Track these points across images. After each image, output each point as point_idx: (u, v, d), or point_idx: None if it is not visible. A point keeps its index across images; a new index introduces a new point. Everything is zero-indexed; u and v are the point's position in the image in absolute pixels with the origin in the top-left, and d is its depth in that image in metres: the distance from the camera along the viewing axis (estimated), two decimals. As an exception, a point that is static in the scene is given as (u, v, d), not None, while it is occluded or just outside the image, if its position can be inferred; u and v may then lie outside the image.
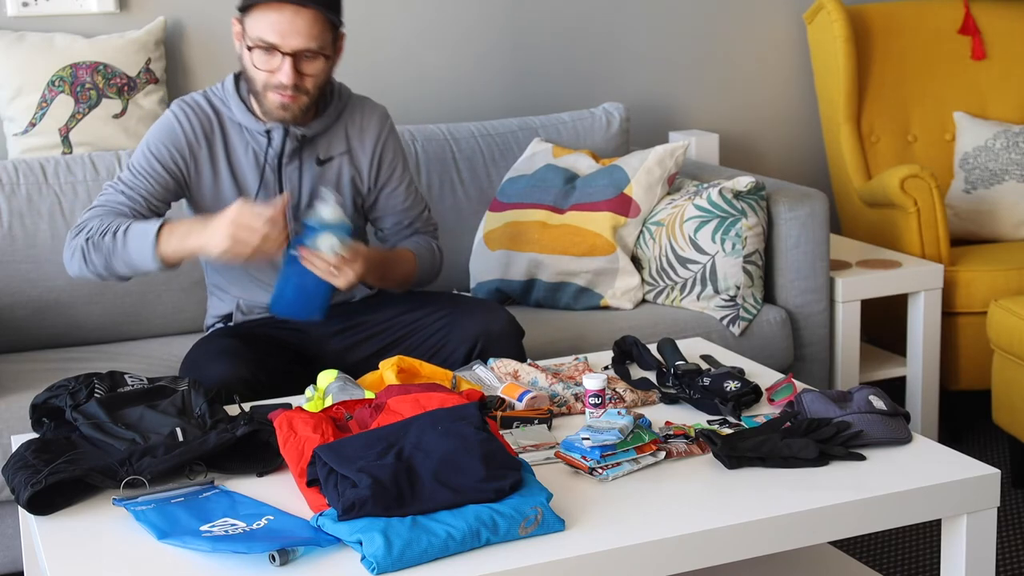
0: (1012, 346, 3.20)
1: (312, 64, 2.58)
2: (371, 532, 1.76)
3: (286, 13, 2.52)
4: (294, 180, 2.70)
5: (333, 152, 2.73)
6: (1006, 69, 4.17)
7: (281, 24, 2.52)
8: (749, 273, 3.26)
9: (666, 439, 2.17)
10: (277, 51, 2.54)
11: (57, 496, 1.98)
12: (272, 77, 2.57)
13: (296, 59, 2.55)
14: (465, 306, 2.77)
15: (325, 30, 2.57)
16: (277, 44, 2.54)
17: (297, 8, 2.52)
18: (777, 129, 4.31)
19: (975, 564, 2.06)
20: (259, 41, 2.55)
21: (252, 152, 2.68)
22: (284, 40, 2.53)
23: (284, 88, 2.56)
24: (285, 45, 2.54)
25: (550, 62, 3.96)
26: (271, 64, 2.56)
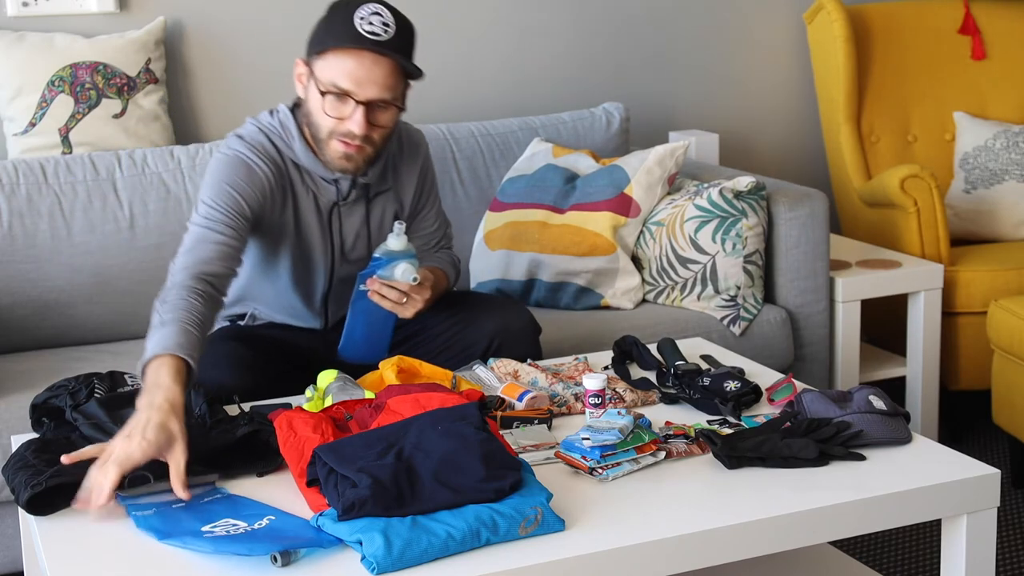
0: (1012, 346, 3.20)
1: (384, 115, 2.48)
2: (371, 532, 1.76)
3: (365, 61, 2.41)
4: (351, 222, 2.65)
5: (380, 188, 2.67)
6: (1006, 69, 4.17)
7: (359, 72, 2.41)
8: (749, 273, 3.26)
9: (666, 439, 2.17)
10: (350, 99, 2.43)
11: (57, 496, 1.98)
12: (341, 125, 2.45)
13: (368, 108, 2.44)
14: (483, 303, 2.77)
15: (400, 80, 2.47)
16: (352, 91, 2.42)
17: (376, 56, 2.41)
18: (777, 129, 4.31)
19: (975, 564, 2.06)
20: (331, 87, 2.42)
21: (313, 196, 2.59)
22: (360, 88, 2.41)
23: (352, 137, 2.45)
24: (360, 93, 2.42)
25: (550, 62, 3.96)
26: (342, 112, 2.44)
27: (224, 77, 3.57)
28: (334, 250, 2.65)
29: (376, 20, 2.42)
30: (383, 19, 2.43)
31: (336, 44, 2.41)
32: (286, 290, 2.69)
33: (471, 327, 2.65)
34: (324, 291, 2.70)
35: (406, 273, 2.48)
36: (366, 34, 2.40)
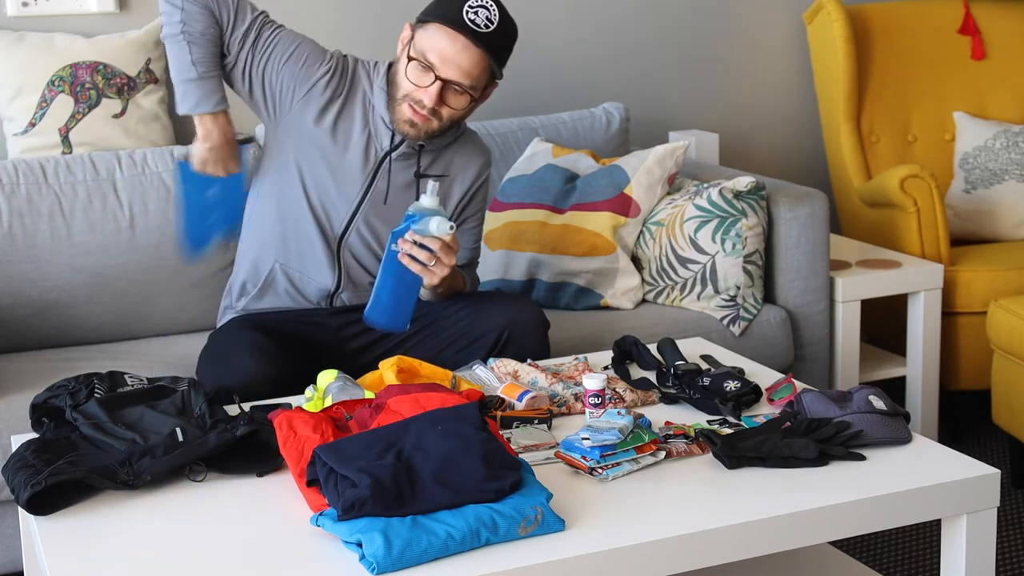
0: (1012, 346, 3.20)
1: (458, 98, 2.64)
2: (371, 532, 1.76)
3: (458, 44, 2.58)
4: (390, 175, 2.73)
5: (433, 171, 2.76)
6: (1006, 69, 4.17)
7: (448, 52, 2.58)
8: (749, 273, 3.26)
9: (666, 439, 2.17)
10: (432, 72, 2.59)
11: (57, 496, 1.98)
12: (416, 92, 2.61)
13: (445, 87, 2.60)
14: (493, 297, 2.83)
15: (483, 73, 2.63)
16: (435, 66, 2.59)
17: (468, 44, 2.58)
18: (777, 129, 4.31)
19: (975, 564, 2.06)
20: (421, 56, 2.59)
21: (368, 133, 2.71)
22: (444, 66, 2.58)
23: (422, 107, 2.61)
24: (442, 71, 2.59)
25: (550, 62, 3.96)
26: (420, 80, 2.61)
27: (224, 77, 3.57)
28: (366, 192, 2.73)
29: (483, 13, 2.59)
30: (489, 14, 2.60)
31: (440, 21, 2.59)
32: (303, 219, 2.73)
33: (481, 319, 2.67)
34: (342, 230, 2.74)
35: (441, 226, 2.51)
36: (469, 22, 2.57)
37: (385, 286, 2.56)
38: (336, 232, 2.74)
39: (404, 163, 2.73)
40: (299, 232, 2.75)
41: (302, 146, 2.71)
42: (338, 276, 2.77)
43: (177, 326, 3.21)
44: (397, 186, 2.73)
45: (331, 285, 2.77)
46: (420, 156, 2.73)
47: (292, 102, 2.69)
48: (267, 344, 2.63)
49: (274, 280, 2.78)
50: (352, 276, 2.77)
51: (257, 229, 2.81)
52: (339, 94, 2.71)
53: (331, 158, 2.71)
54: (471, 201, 2.85)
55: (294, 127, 2.70)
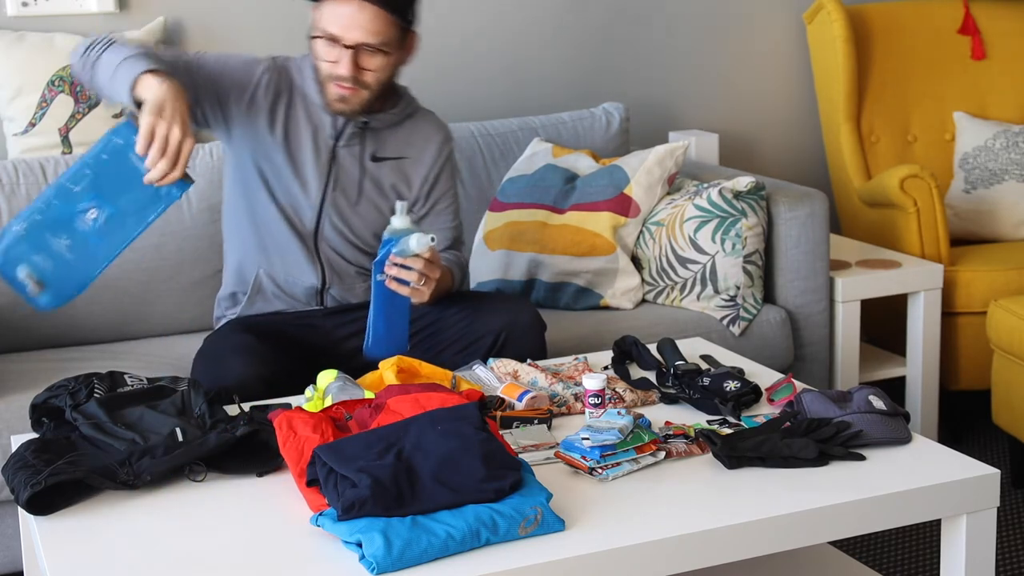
0: (1012, 346, 3.20)
1: (372, 59, 2.63)
2: (371, 532, 1.76)
3: (352, 6, 2.58)
4: (344, 166, 2.74)
5: (388, 153, 2.78)
6: (1006, 69, 4.17)
7: (344, 17, 2.59)
8: (749, 273, 3.26)
9: (666, 439, 2.17)
10: (338, 43, 2.60)
11: (57, 496, 1.98)
12: (333, 68, 2.63)
13: (357, 53, 2.61)
14: (489, 299, 2.82)
15: (389, 27, 2.62)
16: (339, 36, 2.60)
17: (361, 3, 2.58)
18: (777, 129, 4.31)
19: (975, 564, 2.06)
20: (323, 31, 2.61)
21: (312, 127, 2.72)
22: (346, 33, 2.59)
23: (343, 80, 2.62)
24: (346, 38, 2.60)
25: (550, 62, 3.96)
26: (332, 55, 2.62)
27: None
28: (327, 185, 2.73)
29: None
30: None
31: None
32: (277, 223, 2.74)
33: (478, 322, 2.68)
34: (314, 226, 2.75)
35: (420, 242, 2.50)
36: None
37: (379, 317, 2.55)
38: (309, 229, 2.76)
39: (355, 148, 2.74)
40: (275, 236, 2.77)
41: (260, 152, 2.73)
42: (321, 272, 2.78)
43: (177, 326, 3.21)
44: (355, 172, 2.75)
45: (317, 282, 2.78)
46: (365, 137, 2.74)
47: (239, 113, 2.70)
48: (258, 345, 2.63)
49: (261, 286, 2.79)
50: (336, 268, 2.79)
51: (235, 241, 2.84)
52: (280, 96, 2.72)
53: (289, 159, 2.72)
54: (437, 181, 2.84)
55: (248, 136, 2.72)
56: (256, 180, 2.74)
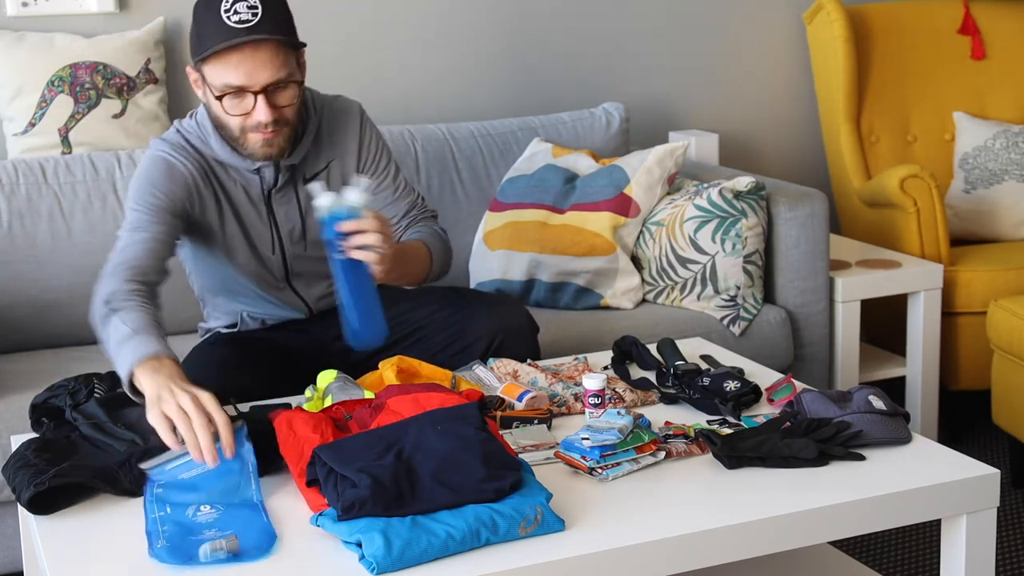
0: (1012, 346, 3.20)
1: (284, 94, 2.45)
2: (371, 532, 1.76)
3: (246, 51, 2.38)
4: (288, 208, 2.63)
5: (318, 167, 2.64)
6: (1006, 69, 4.17)
7: (243, 64, 2.38)
8: (749, 273, 3.26)
9: (666, 439, 2.17)
10: (247, 91, 2.41)
11: (59, 496, 1.98)
12: (248, 120, 2.44)
13: (267, 94, 2.42)
14: (481, 301, 2.75)
15: (288, 56, 2.43)
16: (245, 85, 2.40)
17: (255, 45, 2.38)
18: (777, 129, 4.31)
19: (975, 564, 2.06)
20: (226, 88, 2.41)
21: (242, 188, 2.59)
22: (251, 79, 2.39)
23: (264, 127, 2.44)
24: (254, 84, 2.40)
25: (550, 62, 3.96)
26: (244, 107, 2.43)
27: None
28: (280, 237, 2.63)
29: (241, 7, 2.37)
30: (248, 3, 2.38)
31: (214, 47, 2.38)
32: (249, 284, 2.68)
33: (472, 325, 2.64)
34: (284, 276, 2.68)
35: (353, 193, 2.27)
36: (237, 25, 2.36)
37: (348, 304, 2.37)
38: (279, 277, 2.68)
39: (285, 190, 2.60)
40: (250, 292, 2.70)
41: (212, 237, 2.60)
42: (304, 302, 2.74)
43: (175, 326, 3.19)
44: (294, 207, 2.63)
45: (303, 312, 2.75)
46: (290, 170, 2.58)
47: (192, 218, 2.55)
48: (232, 357, 2.59)
49: (247, 322, 2.75)
50: (317, 292, 2.73)
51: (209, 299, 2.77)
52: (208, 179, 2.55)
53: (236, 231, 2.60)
54: (365, 160, 2.68)
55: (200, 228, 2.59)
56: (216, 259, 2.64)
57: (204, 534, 1.85)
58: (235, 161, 2.55)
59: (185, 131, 2.58)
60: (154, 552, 1.81)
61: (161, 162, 2.53)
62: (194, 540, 1.83)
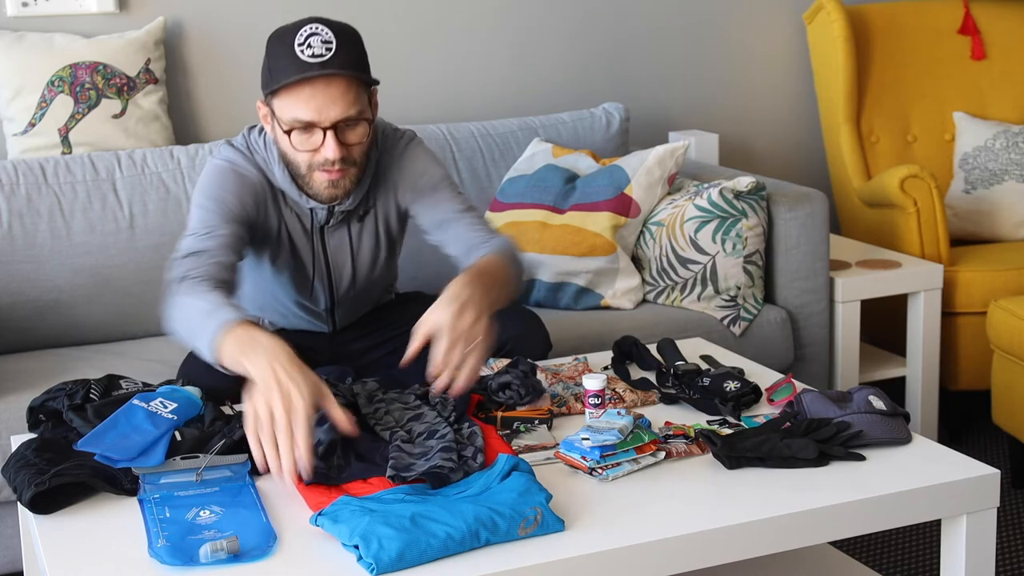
0: (1012, 346, 3.20)
1: (355, 132, 2.40)
2: (370, 533, 1.76)
3: (318, 86, 2.33)
4: (339, 243, 2.59)
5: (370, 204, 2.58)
6: (1006, 69, 4.18)
7: (314, 99, 2.33)
8: (749, 273, 3.26)
9: (666, 439, 2.17)
10: (316, 127, 2.36)
11: (59, 495, 1.98)
12: (316, 157, 2.39)
13: (337, 131, 2.37)
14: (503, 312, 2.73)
15: (360, 93, 2.38)
16: (315, 121, 2.35)
17: (328, 79, 2.33)
18: (777, 129, 4.31)
19: (975, 564, 2.06)
20: (295, 122, 2.36)
21: (296, 217, 2.54)
22: (321, 114, 2.34)
23: (331, 164, 2.39)
24: (323, 120, 2.35)
25: (550, 62, 3.96)
26: (313, 143, 2.38)
27: (224, 77, 3.57)
28: (331, 271, 2.60)
29: (315, 41, 2.34)
30: (322, 38, 2.35)
31: (286, 80, 2.34)
32: (287, 302, 2.67)
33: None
34: (327, 306, 2.68)
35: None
36: (310, 60, 2.33)
37: None
38: (321, 307, 2.66)
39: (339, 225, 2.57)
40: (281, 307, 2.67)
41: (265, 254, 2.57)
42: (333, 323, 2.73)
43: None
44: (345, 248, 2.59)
45: (327, 327, 2.74)
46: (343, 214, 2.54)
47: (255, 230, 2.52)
48: None
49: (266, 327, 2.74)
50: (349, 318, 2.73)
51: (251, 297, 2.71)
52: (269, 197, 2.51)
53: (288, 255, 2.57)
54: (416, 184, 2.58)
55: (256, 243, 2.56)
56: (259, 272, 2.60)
57: (204, 534, 1.85)
58: (293, 193, 2.50)
59: (253, 145, 2.53)
60: (154, 552, 1.81)
61: (231, 172, 2.49)
62: (194, 540, 1.83)
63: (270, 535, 1.86)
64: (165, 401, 2.17)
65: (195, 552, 1.79)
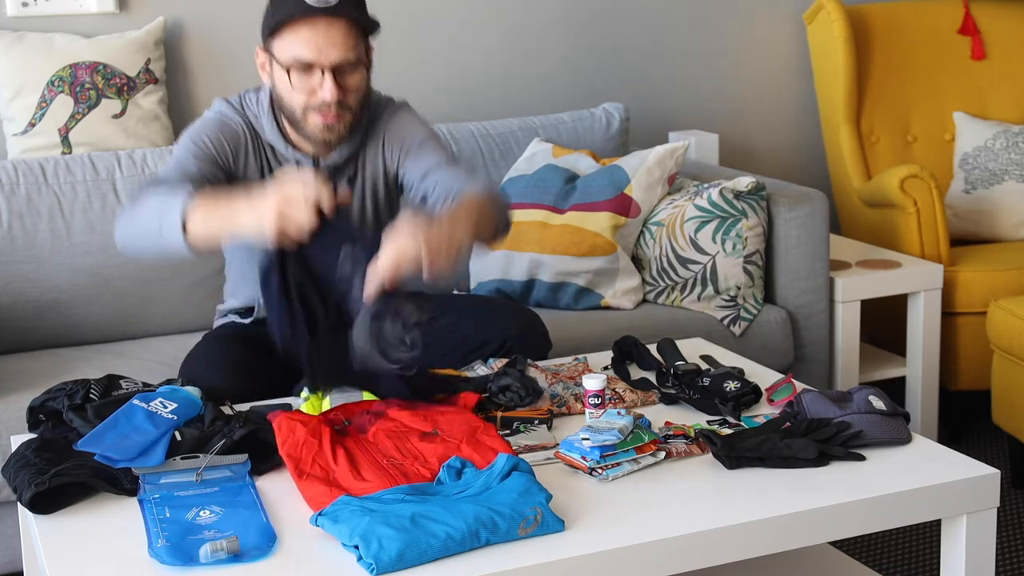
0: (1012, 346, 3.20)
1: (353, 77, 2.44)
2: (370, 533, 1.76)
3: (319, 26, 2.38)
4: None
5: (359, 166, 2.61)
6: (1006, 69, 4.17)
7: (316, 38, 2.38)
8: (749, 273, 3.26)
9: (666, 439, 2.17)
10: (316, 67, 2.40)
11: (60, 495, 1.98)
12: (313, 98, 2.43)
13: (336, 73, 2.41)
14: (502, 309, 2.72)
15: (360, 39, 2.44)
16: (315, 60, 2.39)
17: (330, 19, 2.38)
18: (777, 129, 4.31)
19: (975, 564, 2.06)
20: (295, 61, 2.40)
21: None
22: (322, 54, 2.39)
23: (327, 107, 2.43)
24: (324, 59, 2.39)
25: (550, 62, 3.96)
26: (311, 83, 2.42)
27: (224, 77, 3.57)
28: None
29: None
30: None
31: (288, 18, 2.39)
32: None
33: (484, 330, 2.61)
34: None
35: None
36: (313, 3, 2.38)
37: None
38: None
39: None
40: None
41: None
42: None
43: (177, 326, 3.21)
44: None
45: None
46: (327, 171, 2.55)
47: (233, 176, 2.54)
48: (241, 357, 2.56)
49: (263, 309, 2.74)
50: None
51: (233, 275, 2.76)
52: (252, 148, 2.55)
53: None
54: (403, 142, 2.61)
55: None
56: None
57: (204, 534, 1.85)
58: (280, 146, 2.55)
59: (245, 101, 2.59)
60: (154, 552, 1.81)
61: (217, 120, 2.54)
62: (194, 540, 1.83)
63: (270, 535, 1.86)
64: (165, 401, 2.17)
65: (195, 552, 1.79)
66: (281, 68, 2.43)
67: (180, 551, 1.80)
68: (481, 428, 2.13)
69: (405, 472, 2.00)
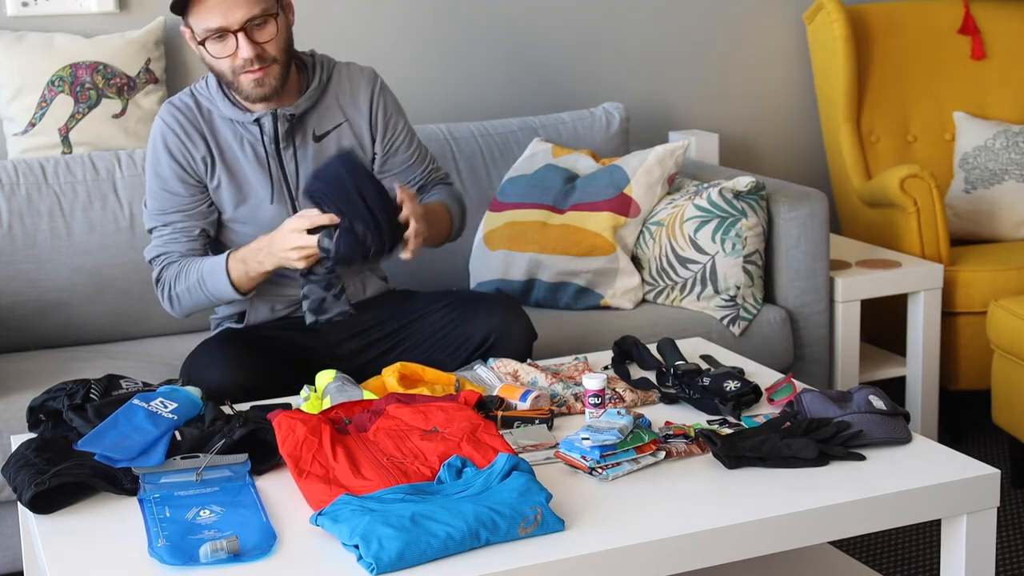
0: (1012, 346, 3.20)
1: (264, 30, 2.56)
2: (370, 533, 1.76)
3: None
4: (293, 163, 2.69)
5: (328, 126, 2.72)
6: (1006, 69, 4.17)
7: (219, 5, 2.51)
8: (749, 273, 3.26)
9: (666, 439, 2.17)
10: (227, 32, 2.53)
11: (59, 495, 1.98)
12: (235, 61, 2.56)
13: (247, 32, 2.54)
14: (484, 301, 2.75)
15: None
16: (224, 26, 2.53)
17: None
18: (777, 129, 4.31)
19: (975, 564, 2.06)
20: (207, 32, 2.54)
21: (248, 145, 2.68)
22: (228, 18, 2.52)
23: (250, 64, 2.55)
24: (231, 23, 2.52)
25: (550, 62, 3.96)
26: (227, 48, 2.55)
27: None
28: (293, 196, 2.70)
29: None
30: None
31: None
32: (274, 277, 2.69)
33: (468, 323, 2.65)
34: None
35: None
36: None
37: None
38: None
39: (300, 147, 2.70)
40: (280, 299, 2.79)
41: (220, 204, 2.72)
42: None
43: (177, 326, 3.21)
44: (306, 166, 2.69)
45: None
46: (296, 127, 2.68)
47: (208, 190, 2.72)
48: (244, 355, 2.59)
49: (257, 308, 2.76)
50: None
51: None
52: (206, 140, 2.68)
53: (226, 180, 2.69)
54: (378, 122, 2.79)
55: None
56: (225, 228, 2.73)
57: (204, 534, 1.85)
58: (236, 115, 2.66)
59: (196, 90, 2.71)
60: (154, 552, 1.81)
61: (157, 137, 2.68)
62: (194, 540, 1.83)
63: (270, 535, 1.86)
64: (165, 401, 2.17)
65: (195, 552, 1.79)
66: (199, 41, 2.57)
67: (180, 551, 1.80)
68: (482, 426, 2.13)
69: (405, 471, 2.00)
